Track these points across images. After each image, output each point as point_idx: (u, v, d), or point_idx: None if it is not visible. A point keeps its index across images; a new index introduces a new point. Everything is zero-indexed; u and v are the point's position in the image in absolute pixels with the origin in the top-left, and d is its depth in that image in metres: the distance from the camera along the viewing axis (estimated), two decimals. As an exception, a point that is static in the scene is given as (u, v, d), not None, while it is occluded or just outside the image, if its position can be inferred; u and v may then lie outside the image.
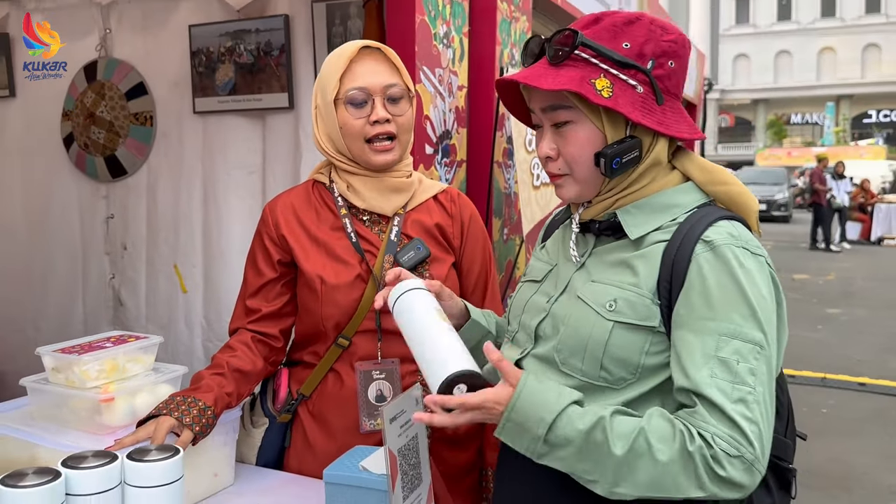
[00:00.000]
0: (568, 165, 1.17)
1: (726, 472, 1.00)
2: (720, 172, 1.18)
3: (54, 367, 1.33)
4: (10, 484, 0.86)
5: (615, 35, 1.11)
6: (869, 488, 3.85)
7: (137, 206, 3.04)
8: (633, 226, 1.15)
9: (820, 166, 15.01)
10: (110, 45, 3.02)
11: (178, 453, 0.99)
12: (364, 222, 1.60)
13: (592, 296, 1.15)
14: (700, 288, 1.07)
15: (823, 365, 6.13)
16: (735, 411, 1.00)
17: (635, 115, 1.10)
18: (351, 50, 1.54)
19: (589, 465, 1.04)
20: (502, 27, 2.63)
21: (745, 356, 1.03)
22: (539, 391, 1.07)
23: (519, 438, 1.07)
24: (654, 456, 1.01)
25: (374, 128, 1.52)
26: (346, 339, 1.54)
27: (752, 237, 1.12)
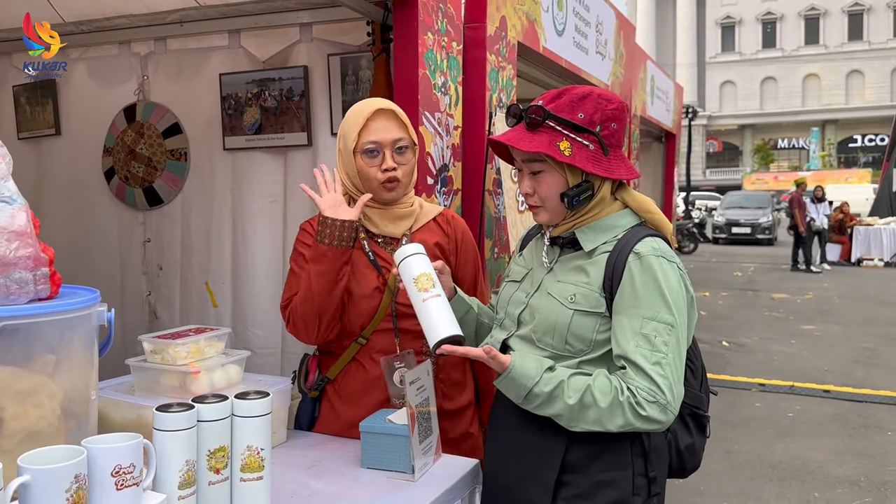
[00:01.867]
0: (541, 200, 1.59)
1: (646, 412, 1.44)
2: (647, 202, 1.63)
3: (152, 349, 1.75)
4: (163, 410, 1.28)
5: (573, 108, 1.53)
6: (819, 479, 4.26)
7: (172, 231, 3.40)
8: (587, 241, 1.59)
9: (798, 191, 15.44)
10: (148, 90, 3.40)
11: (268, 395, 1.40)
12: (378, 243, 1.97)
13: (558, 292, 1.58)
14: (630, 285, 1.49)
15: (793, 374, 6.53)
16: (652, 370, 1.44)
17: (588, 166, 1.52)
18: (368, 110, 1.91)
19: (555, 409, 1.49)
20: (491, 76, 3.07)
21: (660, 332, 1.46)
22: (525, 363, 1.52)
23: (512, 389, 1.52)
24: (597, 403, 1.45)
25: (384, 174, 1.90)
26: (364, 339, 1.93)
27: (668, 249, 1.55)
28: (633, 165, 1.64)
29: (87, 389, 1.34)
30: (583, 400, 1.46)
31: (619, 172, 1.56)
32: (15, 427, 1.22)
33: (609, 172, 1.54)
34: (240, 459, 1.38)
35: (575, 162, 1.51)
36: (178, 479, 1.28)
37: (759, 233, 21.12)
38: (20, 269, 1.26)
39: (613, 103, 1.56)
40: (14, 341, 1.23)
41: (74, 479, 1.08)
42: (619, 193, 1.62)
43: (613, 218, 1.60)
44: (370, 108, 1.92)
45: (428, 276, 1.62)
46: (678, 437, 1.66)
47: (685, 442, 1.66)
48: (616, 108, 1.55)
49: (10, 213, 1.26)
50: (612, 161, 1.55)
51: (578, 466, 1.54)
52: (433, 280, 1.62)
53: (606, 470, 1.54)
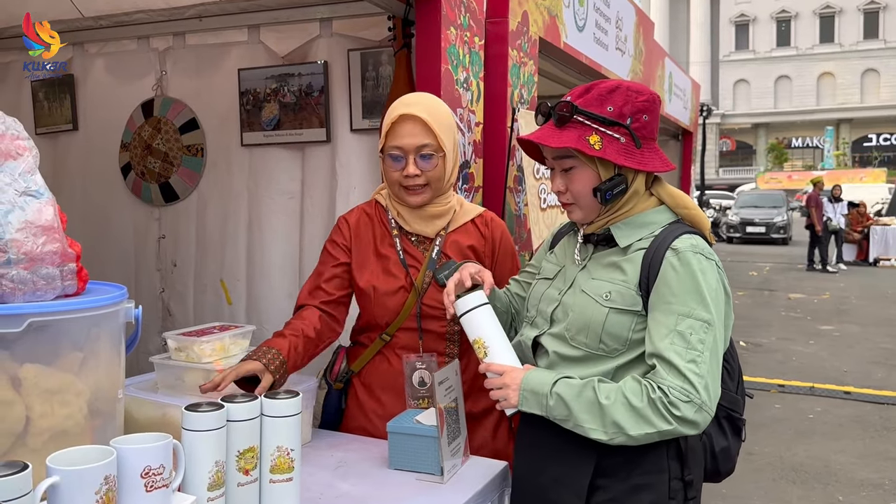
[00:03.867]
0: (574, 197, 1.55)
1: (681, 412, 1.38)
2: (683, 198, 1.58)
3: (177, 347, 1.72)
4: (192, 409, 1.25)
5: (602, 102, 1.50)
6: (843, 482, 4.20)
7: (188, 228, 3.38)
8: (622, 237, 1.55)
9: (815, 190, 15.32)
10: (166, 85, 3.39)
11: (298, 395, 1.38)
12: (412, 241, 1.96)
13: (592, 289, 1.54)
14: (666, 281, 1.45)
15: (813, 376, 6.46)
16: (687, 368, 1.39)
17: (619, 159, 1.48)
18: (393, 115, 1.89)
19: (586, 414, 1.43)
20: (512, 71, 3.03)
21: (696, 330, 1.41)
22: (538, 372, 1.51)
23: (535, 398, 1.48)
24: (630, 403, 1.40)
25: (406, 180, 1.88)
26: (388, 336, 1.92)
27: (706, 246, 1.50)
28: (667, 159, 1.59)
29: (113, 388, 1.32)
30: (615, 399, 1.41)
31: (652, 164, 1.52)
32: (42, 426, 1.19)
33: (642, 165, 1.50)
34: (269, 460, 1.35)
35: (605, 155, 1.47)
36: (208, 481, 1.25)
37: (774, 232, 20.99)
38: (47, 265, 1.24)
39: (644, 95, 1.52)
40: (41, 338, 1.20)
41: (104, 480, 1.06)
42: (654, 188, 1.59)
43: (649, 214, 1.56)
44: (396, 113, 1.89)
45: (480, 344, 1.58)
46: (713, 439, 1.61)
47: (720, 445, 1.61)
48: (647, 100, 1.52)
49: (37, 207, 1.23)
50: (645, 153, 1.51)
51: (613, 470, 1.50)
52: (485, 346, 1.58)
53: (642, 474, 1.49)
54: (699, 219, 1.56)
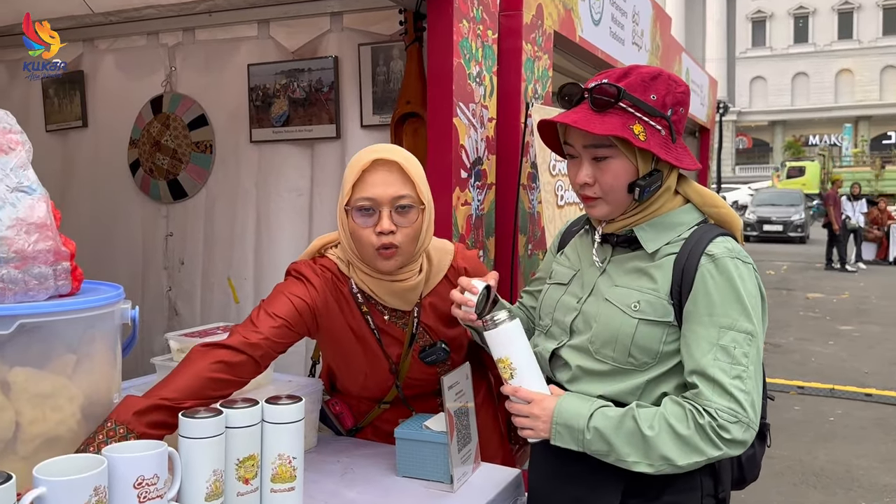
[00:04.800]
0: (603, 191, 1.42)
1: (731, 434, 1.28)
2: (712, 197, 1.46)
3: (179, 348, 1.67)
4: (189, 416, 1.20)
5: (645, 88, 1.37)
6: (866, 487, 4.10)
7: (195, 225, 3.36)
8: (649, 241, 1.42)
9: (834, 188, 15.14)
10: (175, 81, 3.36)
11: (301, 400, 1.32)
12: (386, 319, 1.68)
13: (618, 298, 1.42)
14: (704, 291, 1.34)
15: (833, 377, 6.34)
16: (733, 385, 1.29)
17: (662, 153, 1.37)
18: (364, 161, 1.57)
19: (628, 448, 1.32)
20: (527, 66, 2.96)
21: (740, 343, 1.31)
22: (571, 401, 1.39)
23: (569, 433, 1.37)
24: (676, 431, 1.30)
25: (378, 238, 1.55)
26: (387, 404, 1.79)
27: (741, 249, 1.40)
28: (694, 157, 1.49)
29: (109, 392, 1.27)
30: (659, 429, 1.31)
31: (686, 162, 1.41)
32: (32, 432, 1.14)
33: (679, 161, 1.40)
34: (270, 469, 1.30)
35: (651, 148, 1.35)
36: (205, 491, 1.19)
37: (791, 230, 20.79)
38: (39, 264, 1.18)
39: (682, 86, 1.42)
40: (32, 340, 1.15)
41: (94, 491, 1.00)
42: (680, 186, 1.47)
43: (676, 214, 1.44)
44: (367, 158, 1.58)
45: (506, 364, 1.43)
46: None
47: (747, 453, 1.48)
48: (684, 92, 1.42)
49: (29, 203, 1.18)
50: (678, 149, 1.41)
51: (643, 490, 1.41)
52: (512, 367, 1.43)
53: (675, 493, 1.41)
54: (730, 218, 1.46)
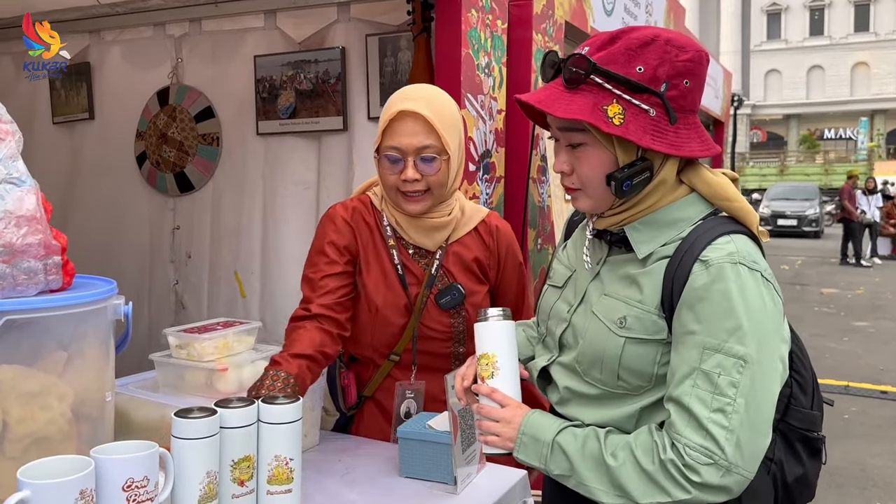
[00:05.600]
0: (581, 182, 1.22)
1: (702, 478, 1.08)
2: (723, 187, 1.22)
3: (178, 344, 1.63)
4: (182, 416, 1.16)
5: (630, 58, 1.14)
6: (881, 486, 4.04)
7: (202, 218, 3.32)
8: (641, 243, 1.22)
9: (850, 182, 14.98)
10: (181, 72, 3.33)
11: (298, 400, 1.28)
12: (410, 254, 1.76)
13: (604, 311, 1.23)
14: (690, 304, 1.13)
15: (847, 374, 6.26)
16: (710, 420, 1.09)
17: (645, 140, 1.13)
18: (392, 111, 1.66)
19: (589, 472, 1.16)
20: (537, 57, 2.90)
21: (728, 370, 1.10)
22: (543, 415, 1.25)
23: (534, 446, 1.21)
24: (639, 464, 1.13)
25: (404, 185, 1.66)
26: (397, 356, 1.77)
27: (751, 251, 1.16)
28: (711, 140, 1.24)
29: (101, 390, 1.23)
30: (624, 459, 1.14)
31: (688, 148, 1.17)
32: (21, 431, 1.11)
33: (674, 148, 1.15)
34: (267, 470, 1.26)
35: (627, 134, 1.13)
36: (199, 493, 1.16)
37: (806, 225, 20.62)
38: (29, 258, 1.15)
39: (687, 52, 1.16)
40: (21, 337, 1.12)
41: (80, 494, 0.97)
42: (685, 174, 1.23)
43: (675, 208, 1.22)
44: (394, 109, 1.67)
45: (490, 360, 1.28)
46: (785, 468, 1.27)
47: (794, 474, 1.27)
48: (690, 59, 1.16)
49: (18, 195, 1.15)
50: (680, 132, 1.16)
51: None
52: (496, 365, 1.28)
53: None
54: (744, 212, 1.21)
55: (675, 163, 1.21)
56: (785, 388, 1.23)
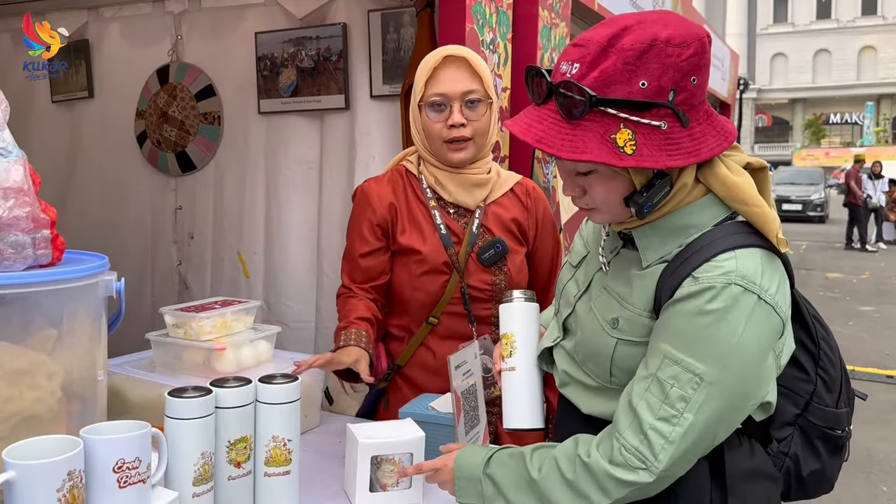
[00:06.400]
0: (595, 203, 1.16)
1: (628, 477, 1.08)
2: (741, 191, 1.12)
3: (174, 323, 1.60)
4: (176, 395, 1.12)
5: (630, 75, 1.03)
6: (887, 471, 4.02)
7: (205, 198, 3.28)
8: (648, 249, 1.16)
9: (856, 166, 14.89)
10: (181, 50, 3.27)
11: (297, 379, 1.24)
12: (450, 214, 1.77)
13: (600, 308, 1.21)
14: (669, 312, 1.10)
15: (853, 358, 6.22)
16: (653, 427, 1.07)
17: (662, 161, 1.05)
18: (436, 58, 1.71)
19: (519, 495, 1.15)
20: (543, 33, 2.85)
21: (682, 383, 1.06)
22: (471, 451, 1.25)
23: (470, 486, 1.21)
24: (562, 475, 1.12)
25: (450, 131, 1.69)
26: (436, 319, 1.75)
27: (754, 269, 1.08)
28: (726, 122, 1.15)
29: (92, 369, 1.19)
30: (547, 471, 1.13)
31: (707, 147, 1.08)
32: (8, 410, 1.07)
33: (693, 155, 1.07)
34: (264, 451, 1.22)
35: (641, 163, 1.04)
36: (193, 474, 1.12)
37: (811, 210, 20.53)
38: (16, 231, 1.11)
39: (689, 47, 1.04)
40: (8, 313, 1.08)
41: (68, 475, 0.93)
42: (702, 174, 1.14)
43: (687, 213, 1.13)
44: (439, 56, 1.71)
45: (509, 340, 1.31)
46: (801, 463, 1.23)
47: (810, 468, 1.23)
48: (693, 54, 1.04)
49: (4, 166, 1.10)
50: (694, 132, 1.07)
51: None
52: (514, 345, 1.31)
53: None
54: (760, 219, 1.11)
55: (694, 166, 1.13)
56: (807, 384, 1.21)
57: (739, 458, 1.17)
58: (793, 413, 1.21)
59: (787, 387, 1.21)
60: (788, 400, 1.21)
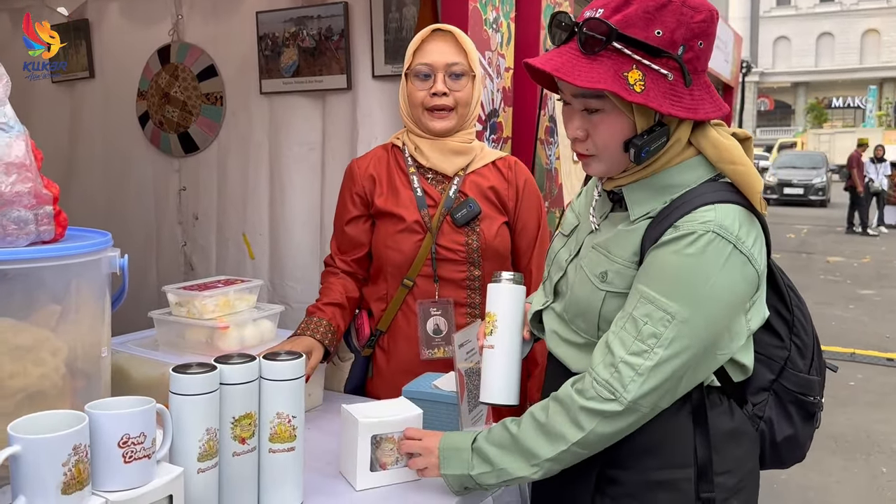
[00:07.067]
0: (597, 148, 1.21)
1: (598, 408, 1.15)
2: (729, 151, 1.19)
3: (177, 301, 1.59)
4: (180, 371, 1.12)
5: (648, 22, 1.12)
6: (887, 452, 4.04)
7: (208, 179, 3.27)
8: (636, 204, 1.22)
9: (859, 150, 14.84)
10: (182, 30, 3.25)
11: (301, 356, 1.24)
12: (428, 180, 1.85)
13: (589, 265, 1.26)
14: (649, 256, 1.17)
15: (853, 341, 6.25)
16: (623, 361, 1.14)
17: (665, 106, 1.13)
18: (425, 32, 1.82)
19: (505, 457, 1.22)
20: (546, 13, 2.82)
21: (654, 321, 1.13)
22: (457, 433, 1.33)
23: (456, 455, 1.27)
24: (536, 421, 1.20)
25: (432, 99, 1.78)
26: (410, 281, 1.81)
27: (732, 220, 1.14)
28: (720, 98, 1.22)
29: (97, 345, 1.19)
30: (523, 423, 1.21)
31: (703, 110, 1.16)
32: (13, 386, 1.07)
33: (692, 111, 1.15)
34: (269, 428, 1.22)
35: (649, 102, 1.11)
36: (198, 450, 1.12)
37: (812, 194, 20.47)
38: (19, 207, 1.10)
39: (701, 12, 1.14)
40: (12, 289, 1.08)
41: (73, 450, 0.93)
42: (694, 136, 1.22)
43: (675, 172, 1.21)
44: (428, 29, 1.83)
45: (492, 319, 1.37)
46: (774, 427, 1.30)
47: (784, 433, 1.29)
48: (704, 20, 1.14)
49: (6, 141, 1.10)
50: (694, 94, 1.16)
51: (627, 461, 1.25)
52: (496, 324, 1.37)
53: (661, 468, 1.23)
54: (746, 178, 1.18)
55: (689, 125, 1.21)
56: (782, 350, 1.28)
57: (722, 417, 1.24)
58: (768, 378, 1.28)
59: (763, 353, 1.28)
60: (764, 365, 1.28)
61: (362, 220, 1.88)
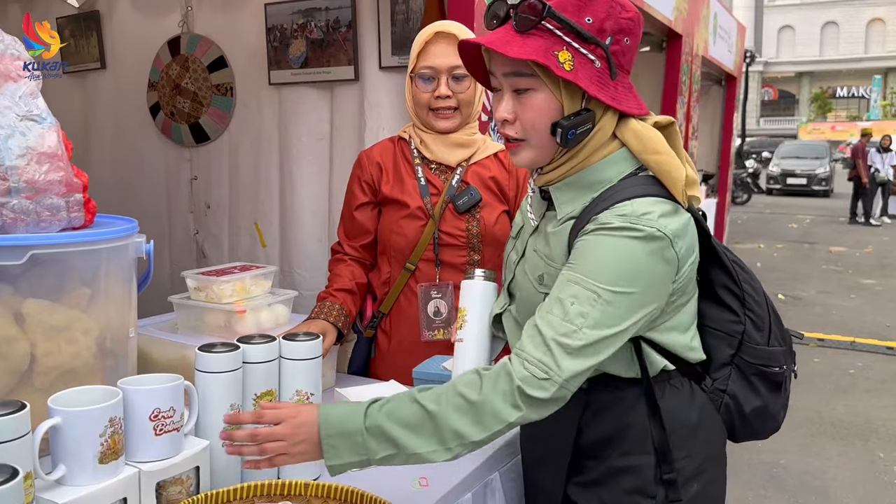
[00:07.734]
0: (524, 131, 1.22)
1: (534, 391, 1.10)
2: (653, 142, 1.22)
3: (196, 286, 1.66)
4: (206, 350, 1.18)
5: (580, 9, 1.15)
6: (884, 438, 4.09)
7: (220, 169, 3.32)
8: (563, 203, 1.25)
9: (863, 140, 14.82)
10: (192, 21, 3.29)
11: (318, 337, 1.30)
12: (433, 170, 1.92)
13: (530, 269, 1.29)
14: (575, 250, 1.19)
15: (854, 330, 6.29)
16: (554, 340, 1.12)
17: (592, 89, 1.15)
18: (428, 34, 1.86)
19: (416, 438, 1.10)
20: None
21: (581, 300, 1.13)
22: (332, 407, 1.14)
23: (346, 445, 1.10)
24: (466, 399, 1.11)
25: (436, 101, 1.85)
26: (413, 265, 1.88)
27: (650, 216, 1.16)
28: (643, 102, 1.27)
29: (124, 326, 1.25)
30: (447, 400, 1.11)
31: (627, 104, 1.20)
32: (48, 364, 1.13)
33: (616, 101, 1.18)
34: (288, 405, 1.28)
35: (577, 80, 1.13)
36: (223, 425, 1.18)
37: (815, 184, 20.41)
38: (52, 195, 1.16)
39: (629, 11, 1.19)
40: (45, 272, 1.14)
41: (109, 422, 0.99)
42: (618, 129, 1.24)
43: (599, 169, 1.23)
44: (431, 31, 1.86)
45: (462, 314, 1.40)
46: (740, 400, 1.33)
47: (752, 405, 1.33)
48: (631, 18, 1.19)
49: (39, 132, 1.15)
50: (619, 88, 1.19)
51: (593, 450, 1.31)
52: (465, 319, 1.39)
53: (623, 454, 1.28)
54: (667, 168, 1.20)
55: (614, 117, 1.22)
56: (737, 325, 1.31)
57: (679, 403, 1.28)
58: (727, 354, 1.31)
59: (720, 328, 1.32)
60: (723, 342, 1.32)
61: (370, 206, 1.95)
